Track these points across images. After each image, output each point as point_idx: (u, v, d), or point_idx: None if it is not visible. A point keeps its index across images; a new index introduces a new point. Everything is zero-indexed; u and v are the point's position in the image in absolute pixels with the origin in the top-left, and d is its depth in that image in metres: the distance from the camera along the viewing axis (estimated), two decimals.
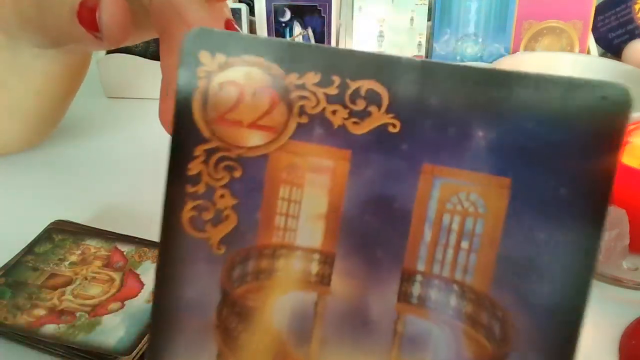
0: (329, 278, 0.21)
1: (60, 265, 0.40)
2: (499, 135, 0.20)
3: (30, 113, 0.54)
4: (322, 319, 0.20)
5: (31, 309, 0.36)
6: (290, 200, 0.20)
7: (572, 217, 0.20)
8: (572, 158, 0.20)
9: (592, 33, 0.74)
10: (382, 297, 0.21)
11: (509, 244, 0.21)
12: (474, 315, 0.21)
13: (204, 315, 0.18)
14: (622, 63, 0.71)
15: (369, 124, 0.21)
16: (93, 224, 0.45)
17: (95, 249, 0.42)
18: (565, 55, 0.71)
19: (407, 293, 0.21)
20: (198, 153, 0.19)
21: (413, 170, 0.21)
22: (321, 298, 0.20)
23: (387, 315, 0.21)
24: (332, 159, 0.21)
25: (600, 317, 0.41)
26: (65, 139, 0.63)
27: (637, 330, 0.39)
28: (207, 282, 0.18)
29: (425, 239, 0.21)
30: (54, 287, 0.39)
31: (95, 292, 0.38)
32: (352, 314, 0.20)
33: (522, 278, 0.20)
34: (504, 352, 0.21)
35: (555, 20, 0.72)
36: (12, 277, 0.39)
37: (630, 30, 0.81)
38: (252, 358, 0.19)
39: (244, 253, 0.19)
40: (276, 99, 0.20)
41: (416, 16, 0.72)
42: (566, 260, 0.20)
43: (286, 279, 0.20)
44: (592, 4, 0.72)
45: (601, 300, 0.43)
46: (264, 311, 0.19)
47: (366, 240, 0.21)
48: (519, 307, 0.20)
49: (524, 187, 0.20)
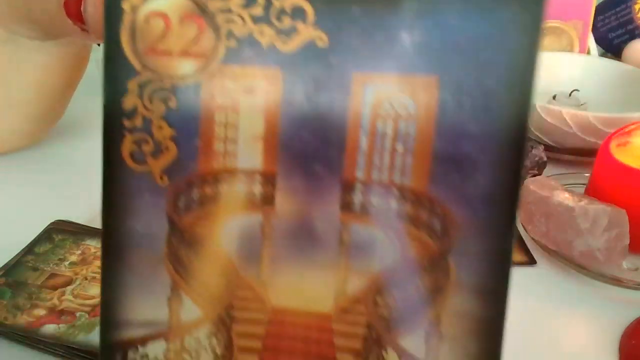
0: (272, 198, 0.21)
1: (60, 265, 0.40)
2: (423, 36, 0.20)
3: (31, 108, 0.54)
4: (270, 239, 0.20)
5: (31, 309, 0.37)
6: (227, 124, 0.20)
7: (499, 106, 0.20)
8: (496, 49, 0.20)
9: (592, 33, 0.73)
10: (326, 210, 0.21)
11: (442, 141, 0.21)
12: (415, 215, 0.21)
13: (154, 246, 0.18)
14: (622, 63, 0.71)
15: (297, 41, 0.21)
16: (93, 224, 0.45)
17: (95, 249, 0.42)
18: (565, 55, 0.70)
19: (349, 202, 0.21)
20: (132, 86, 0.19)
21: (344, 81, 0.21)
22: (267, 218, 0.20)
23: (332, 226, 0.21)
24: (264, 79, 0.21)
25: (600, 317, 0.41)
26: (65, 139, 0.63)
27: (637, 330, 0.39)
28: (154, 214, 0.18)
29: (362, 147, 0.21)
30: (54, 287, 0.39)
31: (95, 292, 0.38)
32: (298, 230, 0.21)
33: (458, 173, 0.21)
34: (446, 246, 0.21)
35: (555, 20, 0.72)
36: (12, 277, 0.39)
37: (630, 30, 0.81)
38: (204, 284, 0.19)
39: (187, 181, 0.19)
40: (203, 25, 0.20)
41: None
42: (497, 151, 0.21)
43: (231, 202, 0.20)
44: (592, 4, 0.72)
45: (601, 300, 0.43)
46: (212, 237, 0.19)
47: (305, 157, 0.21)
48: (457, 202, 0.21)
49: (452, 84, 0.21)
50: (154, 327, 0.18)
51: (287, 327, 0.20)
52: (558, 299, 0.43)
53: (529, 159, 0.54)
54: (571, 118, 0.55)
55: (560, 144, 0.58)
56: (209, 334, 0.19)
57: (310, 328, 0.21)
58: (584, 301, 0.42)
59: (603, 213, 0.42)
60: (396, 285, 0.21)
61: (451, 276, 0.21)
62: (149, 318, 0.18)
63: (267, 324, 0.20)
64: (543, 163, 0.55)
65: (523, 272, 0.45)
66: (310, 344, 0.21)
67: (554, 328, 0.40)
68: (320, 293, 0.21)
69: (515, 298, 0.42)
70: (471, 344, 0.21)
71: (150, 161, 0.19)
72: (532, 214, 0.46)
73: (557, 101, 0.64)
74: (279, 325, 0.20)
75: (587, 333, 0.40)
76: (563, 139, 0.57)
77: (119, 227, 0.18)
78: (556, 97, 0.65)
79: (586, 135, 0.56)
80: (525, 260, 0.46)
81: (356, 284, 0.21)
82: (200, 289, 0.19)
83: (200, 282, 0.19)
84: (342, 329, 0.21)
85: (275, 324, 0.20)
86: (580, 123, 0.55)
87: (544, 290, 0.43)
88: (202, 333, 0.18)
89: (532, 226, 0.46)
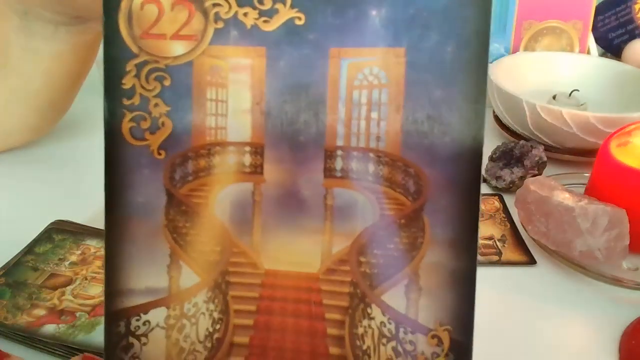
0: (261, 167, 0.23)
1: (60, 265, 0.40)
2: (390, 11, 0.22)
3: (40, 100, 0.54)
4: (260, 206, 0.22)
5: (31, 309, 0.36)
6: (217, 100, 0.22)
7: (460, 71, 0.23)
8: (454, 20, 0.22)
9: (592, 33, 0.73)
10: (311, 177, 0.23)
11: (411, 107, 0.23)
12: (391, 176, 0.23)
13: (153, 217, 0.20)
14: (622, 63, 0.71)
15: (277, 21, 0.23)
16: (93, 224, 0.45)
17: (95, 249, 0.42)
18: (565, 55, 0.71)
19: (332, 169, 0.23)
20: (130, 68, 0.21)
21: (321, 56, 0.23)
22: (257, 187, 0.22)
23: (316, 192, 0.23)
24: (249, 57, 0.23)
25: (600, 317, 0.41)
26: (66, 139, 0.63)
27: (637, 330, 0.39)
28: (152, 186, 0.20)
29: (341, 116, 0.23)
30: (54, 287, 0.38)
31: (95, 292, 0.38)
32: (286, 197, 0.22)
33: (428, 135, 0.23)
34: (420, 204, 0.23)
35: (555, 20, 0.72)
36: (12, 277, 0.39)
37: (630, 30, 0.81)
38: (201, 252, 0.20)
39: (183, 155, 0.21)
40: (192, 10, 0.23)
41: None
42: (460, 111, 0.23)
43: (223, 173, 0.22)
44: (592, 4, 0.72)
45: (601, 300, 0.43)
46: (207, 206, 0.20)
47: (289, 128, 0.23)
48: (428, 162, 0.23)
49: (417, 53, 0.23)
50: (154, 294, 0.20)
51: (279, 290, 0.22)
52: (558, 299, 0.43)
53: (529, 159, 0.54)
54: (571, 118, 0.55)
55: (560, 144, 0.58)
56: (207, 300, 0.20)
57: (300, 289, 0.22)
58: (584, 301, 0.42)
59: (603, 213, 0.42)
60: (377, 244, 0.23)
61: (426, 232, 0.23)
62: (150, 286, 0.20)
63: (261, 288, 0.22)
64: (543, 163, 0.55)
65: (523, 272, 0.45)
66: (300, 304, 0.22)
67: (554, 328, 0.40)
68: (308, 255, 0.22)
69: (515, 298, 0.42)
70: (447, 295, 0.23)
71: (148, 137, 0.20)
72: (532, 214, 0.46)
73: (557, 101, 0.64)
74: (271, 288, 0.22)
75: (587, 333, 0.40)
76: (563, 139, 0.58)
77: (120, 200, 0.20)
78: (556, 97, 0.65)
79: (586, 135, 0.56)
80: (525, 260, 0.46)
81: (341, 245, 0.23)
82: (197, 256, 0.20)
83: (197, 250, 0.20)
84: (329, 288, 0.22)
85: (267, 287, 0.22)
86: (580, 123, 0.55)
87: (544, 290, 0.44)
88: (200, 299, 0.19)
89: (532, 226, 0.46)
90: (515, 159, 0.55)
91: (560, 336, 0.40)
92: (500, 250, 0.47)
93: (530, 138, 0.60)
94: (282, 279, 0.22)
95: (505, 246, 0.48)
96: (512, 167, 0.54)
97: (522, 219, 0.48)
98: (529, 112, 0.57)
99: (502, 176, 0.54)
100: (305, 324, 0.22)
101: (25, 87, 0.53)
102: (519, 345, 0.39)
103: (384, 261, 0.23)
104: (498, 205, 0.53)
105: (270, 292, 0.22)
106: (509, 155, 0.56)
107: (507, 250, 0.47)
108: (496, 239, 0.48)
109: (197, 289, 0.20)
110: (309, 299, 0.22)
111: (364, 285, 0.23)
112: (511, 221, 0.51)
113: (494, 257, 0.46)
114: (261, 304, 0.22)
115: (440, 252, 0.23)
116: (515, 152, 0.55)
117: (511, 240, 0.48)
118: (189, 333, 0.20)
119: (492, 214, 0.52)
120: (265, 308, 0.22)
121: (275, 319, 0.22)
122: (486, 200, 0.53)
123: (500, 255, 0.47)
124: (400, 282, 0.23)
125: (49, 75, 0.53)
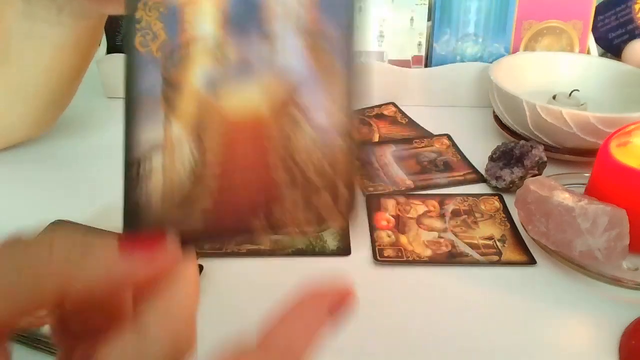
0: (224, 49, 0.28)
1: None
2: None
3: (42, 93, 0.55)
4: (223, 74, 0.28)
5: None
6: (194, 14, 0.29)
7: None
8: None
9: (592, 33, 0.73)
10: (257, 49, 0.28)
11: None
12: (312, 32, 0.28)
13: (154, 94, 0.28)
14: (622, 63, 0.71)
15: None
16: (93, 224, 0.45)
17: None
18: (565, 55, 0.71)
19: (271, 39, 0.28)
20: (140, 6, 0.28)
21: None
22: (220, 63, 0.28)
23: (262, 56, 0.28)
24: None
25: (600, 317, 0.41)
26: (66, 139, 0.63)
27: (637, 330, 0.39)
28: (154, 76, 0.28)
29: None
30: None
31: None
32: (242, 63, 0.28)
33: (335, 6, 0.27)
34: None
35: (555, 20, 0.72)
36: None
37: (630, 30, 0.81)
38: (185, 113, 0.28)
39: (171, 50, 0.28)
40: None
41: (416, 16, 0.71)
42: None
43: (197, 57, 0.29)
44: (592, 4, 0.72)
45: (601, 300, 0.43)
46: (188, 80, 0.28)
47: (241, 20, 0.28)
48: (335, 27, 0.27)
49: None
50: (154, 144, 0.28)
51: (239, 135, 0.28)
52: (558, 299, 0.43)
53: (529, 159, 0.54)
54: (571, 118, 0.55)
55: (560, 144, 0.59)
56: (190, 149, 0.28)
57: (255, 133, 0.28)
58: (584, 301, 0.42)
59: (603, 213, 0.42)
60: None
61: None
62: (151, 138, 0.27)
63: (224, 136, 0.28)
64: (543, 163, 0.55)
65: (523, 272, 0.45)
66: (257, 147, 0.28)
67: (554, 328, 0.40)
68: (259, 104, 0.28)
69: (515, 298, 0.43)
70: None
71: (150, 44, 0.28)
72: (532, 214, 0.46)
73: (557, 101, 0.64)
74: (233, 135, 0.28)
75: (587, 333, 0.40)
76: (563, 139, 0.58)
77: (133, 90, 0.28)
78: (556, 97, 0.65)
79: (586, 135, 0.56)
80: (525, 260, 0.46)
81: (281, 90, 0.28)
82: (182, 115, 0.28)
83: (182, 111, 0.28)
84: (277, 130, 0.28)
85: (229, 135, 0.28)
86: (580, 123, 0.55)
87: (544, 290, 0.44)
88: (185, 147, 0.27)
89: (532, 226, 0.46)
90: (515, 159, 0.55)
91: (560, 336, 0.40)
92: (500, 250, 0.47)
93: (530, 138, 0.60)
94: (241, 127, 0.28)
95: (505, 246, 0.48)
96: (512, 167, 0.55)
97: (522, 219, 0.48)
98: (529, 112, 0.58)
99: (502, 176, 0.54)
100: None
101: (26, 82, 0.53)
102: (519, 345, 0.39)
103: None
104: (498, 205, 0.53)
105: (232, 139, 0.28)
106: (509, 155, 0.56)
107: (507, 250, 0.47)
108: (496, 239, 0.48)
109: (183, 140, 0.28)
110: (262, 145, 0.28)
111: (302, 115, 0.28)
112: (511, 221, 0.51)
113: (494, 257, 0.46)
114: (226, 151, 0.28)
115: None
116: (515, 152, 0.55)
117: (511, 240, 0.48)
118: (178, 171, 0.28)
119: (492, 214, 0.52)
120: (230, 154, 0.28)
121: (239, 161, 0.28)
122: (486, 200, 0.54)
123: (500, 255, 0.47)
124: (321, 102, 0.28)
125: (50, 68, 0.53)
